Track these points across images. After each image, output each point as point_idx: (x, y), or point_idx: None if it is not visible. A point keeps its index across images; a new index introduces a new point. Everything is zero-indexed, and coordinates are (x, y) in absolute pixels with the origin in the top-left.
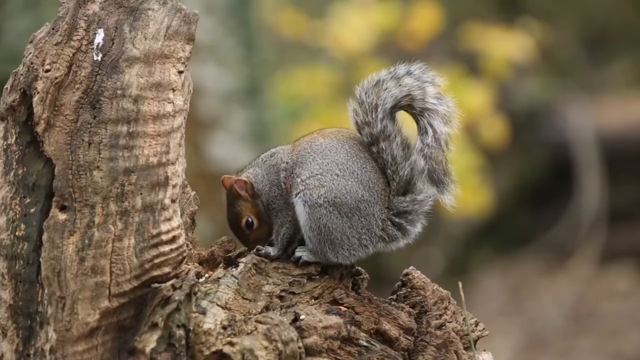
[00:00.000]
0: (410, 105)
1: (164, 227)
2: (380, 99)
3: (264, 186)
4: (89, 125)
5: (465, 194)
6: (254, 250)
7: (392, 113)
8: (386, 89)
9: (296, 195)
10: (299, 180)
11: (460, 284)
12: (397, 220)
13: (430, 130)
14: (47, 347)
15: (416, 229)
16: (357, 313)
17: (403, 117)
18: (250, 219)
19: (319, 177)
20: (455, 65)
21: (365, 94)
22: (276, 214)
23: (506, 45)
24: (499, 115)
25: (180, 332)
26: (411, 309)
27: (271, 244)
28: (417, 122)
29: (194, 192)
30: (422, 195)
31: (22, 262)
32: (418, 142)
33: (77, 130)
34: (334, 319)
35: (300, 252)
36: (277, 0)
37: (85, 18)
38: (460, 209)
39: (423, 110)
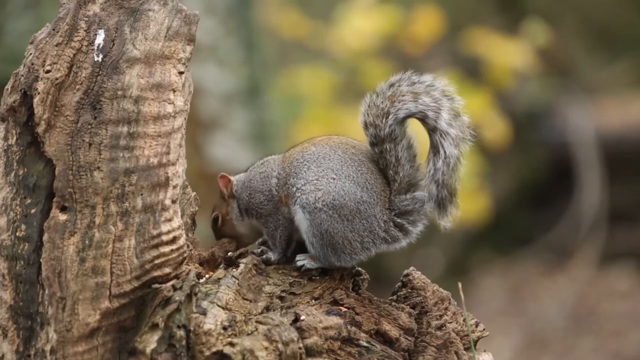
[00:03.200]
0: (422, 120)
1: (164, 227)
2: (394, 107)
3: (243, 191)
4: (89, 126)
5: (464, 202)
6: (257, 251)
7: (402, 121)
8: (402, 101)
9: (294, 203)
10: (294, 189)
11: (460, 285)
12: (398, 220)
13: (441, 152)
14: (47, 347)
15: (417, 228)
16: (357, 314)
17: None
18: (216, 215)
19: (314, 182)
20: (456, 68)
21: (381, 97)
22: (265, 218)
23: (508, 54)
24: (500, 116)
25: (181, 333)
26: (411, 310)
27: (269, 248)
28: (429, 135)
29: (195, 193)
30: (420, 194)
31: (22, 262)
32: (430, 163)
33: (77, 131)
34: (334, 320)
35: (302, 261)
36: (279, 2)
37: (86, 19)
38: (459, 218)
39: (435, 128)
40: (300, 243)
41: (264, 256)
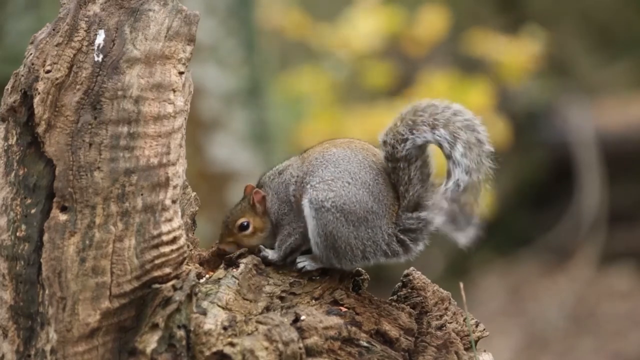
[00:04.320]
0: (439, 146)
1: (164, 227)
2: (412, 135)
3: (273, 204)
4: (89, 126)
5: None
6: (256, 250)
7: (421, 146)
8: (420, 130)
9: (304, 197)
10: (308, 186)
11: (461, 285)
12: (401, 236)
13: (452, 177)
14: (47, 347)
15: (418, 247)
16: (357, 314)
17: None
18: (245, 223)
19: (329, 183)
20: (456, 68)
21: (403, 124)
22: (284, 226)
23: (513, 53)
24: (500, 116)
25: (181, 333)
26: (412, 310)
27: (272, 248)
28: (446, 159)
29: (195, 193)
30: (429, 214)
31: (22, 262)
32: (443, 185)
33: (77, 131)
34: (335, 320)
35: (302, 262)
36: (282, 2)
37: (86, 19)
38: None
39: (449, 156)
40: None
41: (262, 253)
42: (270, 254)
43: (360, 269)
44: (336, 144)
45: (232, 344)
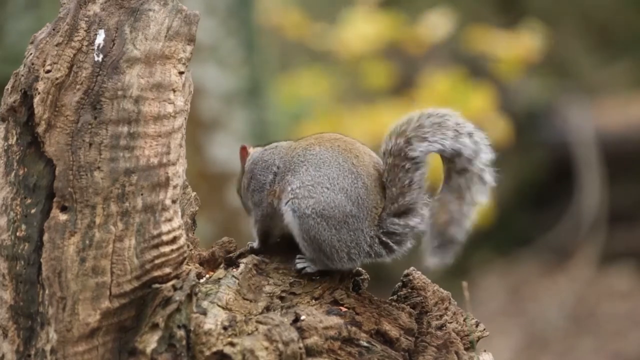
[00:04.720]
0: (451, 160)
1: (164, 227)
2: (434, 137)
3: (248, 172)
4: (89, 126)
5: None
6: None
7: (428, 153)
8: (444, 134)
9: (286, 203)
10: (289, 188)
11: (464, 284)
12: (384, 239)
13: (467, 197)
14: (47, 347)
15: (403, 248)
16: (357, 314)
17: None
18: (238, 181)
19: (309, 188)
20: (457, 68)
21: (430, 120)
22: (252, 205)
23: (513, 47)
24: (502, 116)
25: (181, 333)
26: (412, 310)
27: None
28: (450, 177)
29: (195, 193)
30: (414, 222)
31: (22, 262)
32: (454, 205)
33: (77, 131)
34: (335, 320)
35: (302, 264)
36: (282, 3)
37: (86, 19)
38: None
39: (464, 170)
40: (286, 238)
41: (249, 246)
42: (255, 245)
43: (360, 268)
44: (321, 141)
45: (232, 344)
